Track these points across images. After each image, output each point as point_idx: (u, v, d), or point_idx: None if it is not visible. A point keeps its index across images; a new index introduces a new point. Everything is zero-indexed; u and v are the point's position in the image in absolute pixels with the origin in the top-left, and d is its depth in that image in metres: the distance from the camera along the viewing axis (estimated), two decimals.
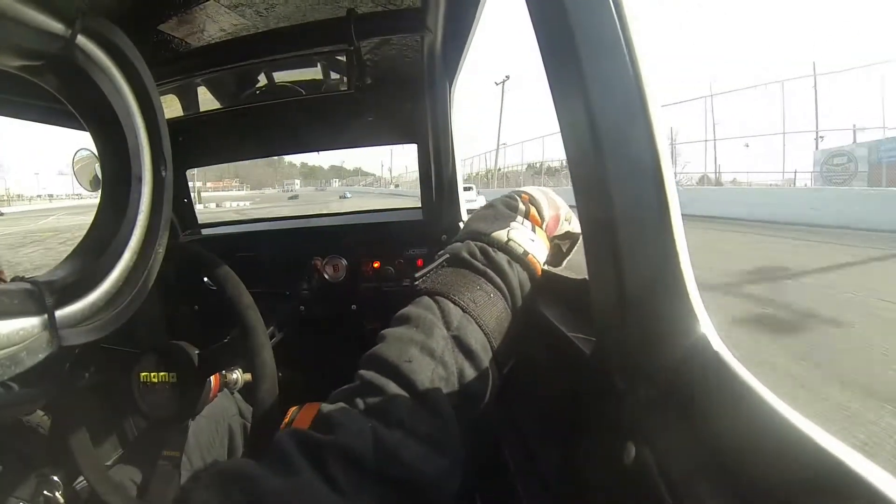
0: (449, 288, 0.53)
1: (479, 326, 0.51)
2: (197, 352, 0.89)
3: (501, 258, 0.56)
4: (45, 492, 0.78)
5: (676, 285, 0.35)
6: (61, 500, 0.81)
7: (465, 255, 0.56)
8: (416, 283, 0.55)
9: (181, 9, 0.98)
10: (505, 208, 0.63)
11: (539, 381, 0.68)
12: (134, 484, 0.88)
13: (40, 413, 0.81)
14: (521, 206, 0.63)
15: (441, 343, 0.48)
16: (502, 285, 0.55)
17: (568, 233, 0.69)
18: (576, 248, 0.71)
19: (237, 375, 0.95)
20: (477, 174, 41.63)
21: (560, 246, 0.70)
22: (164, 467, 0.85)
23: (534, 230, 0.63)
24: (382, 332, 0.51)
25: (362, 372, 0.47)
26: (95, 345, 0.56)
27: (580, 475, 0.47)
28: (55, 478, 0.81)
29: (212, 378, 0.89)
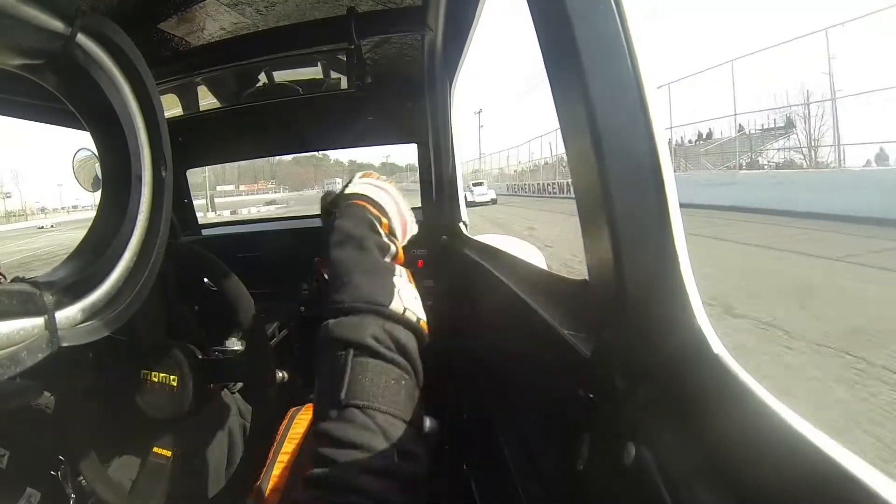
0: (367, 394, 0.52)
1: (404, 423, 0.51)
2: (201, 357, 0.88)
3: (405, 337, 0.56)
4: (55, 474, 0.78)
5: (676, 286, 0.35)
6: (70, 492, 0.81)
7: (372, 342, 0.54)
8: (342, 398, 0.53)
9: (181, 7, 0.98)
10: (377, 249, 0.61)
11: (539, 381, 0.68)
12: (130, 481, 0.88)
13: (47, 394, 0.81)
14: (388, 244, 0.62)
15: (380, 459, 0.49)
16: (409, 368, 0.55)
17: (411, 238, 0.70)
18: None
19: None
20: (543, 163, 31.48)
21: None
22: (153, 464, 0.85)
23: (409, 280, 0.62)
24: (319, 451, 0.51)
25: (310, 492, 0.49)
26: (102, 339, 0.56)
27: (580, 475, 0.47)
28: (63, 466, 0.81)
29: None
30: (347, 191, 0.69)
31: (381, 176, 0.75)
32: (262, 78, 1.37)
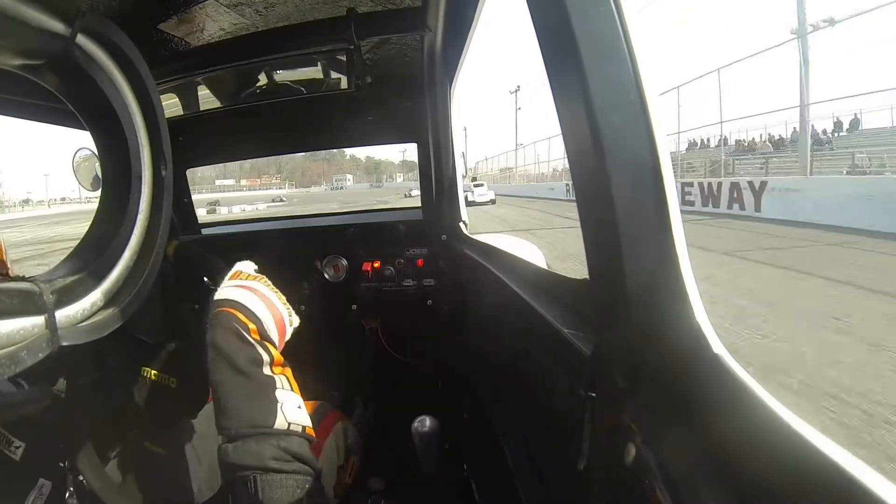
0: None
1: None
2: (204, 363, 0.88)
3: (297, 446, 0.62)
4: (63, 465, 0.78)
5: (676, 286, 0.35)
6: (69, 485, 0.81)
7: (273, 463, 0.60)
8: None
9: (181, 8, 0.98)
10: (251, 364, 0.63)
11: (539, 381, 0.68)
12: (125, 477, 0.88)
13: (61, 379, 0.81)
14: (260, 354, 0.64)
15: None
16: (308, 469, 0.62)
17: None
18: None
19: None
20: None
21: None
22: (148, 462, 0.84)
23: (290, 385, 0.66)
24: None
25: None
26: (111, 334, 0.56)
27: (580, 474, 0.47)
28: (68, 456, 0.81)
29: None
30: (216, 296, 0.69)
31: (250, 274, 0.75)
32: (262, 78, 1.37)
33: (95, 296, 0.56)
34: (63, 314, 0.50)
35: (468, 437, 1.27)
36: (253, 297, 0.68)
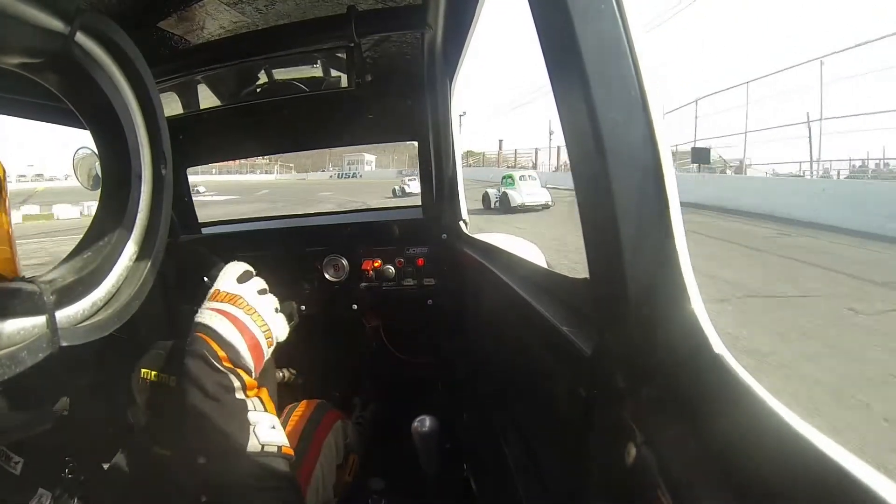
0: None
1: None
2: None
3: (275, 463, 0.63)
4: (66, 475, 0.78)
5: (677, 286, 0.35)
6: (85, 487, 0.81)
7: (252, 481, 0.62)
8: None
9: (181, 6, 0.98)
10: (220, 389, 0.64)
11: (539, 380, 0.68)
12: (129, 479, 0.88)
13: (65, 399, 0.81)
14: (230, 381, 0.65)
15: None
16: (286, 484, 0.64)
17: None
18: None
19: None
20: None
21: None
22: (152, 463, 0.84)
23: (263, 406, 0.67)
24: None
25: None
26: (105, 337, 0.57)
27: (580, 475, 0.47)
28: (71, 465, 0.81)
29: None
30: (196, 318, 0.70)
31: (227, 293, 0.74)
32: (262, 76, 1.37)
33: (96, 296, 0.56)
34: (63, 314, 0.50)
35: (468, 436, 1.27)
36: (225, 323, 0.69)
